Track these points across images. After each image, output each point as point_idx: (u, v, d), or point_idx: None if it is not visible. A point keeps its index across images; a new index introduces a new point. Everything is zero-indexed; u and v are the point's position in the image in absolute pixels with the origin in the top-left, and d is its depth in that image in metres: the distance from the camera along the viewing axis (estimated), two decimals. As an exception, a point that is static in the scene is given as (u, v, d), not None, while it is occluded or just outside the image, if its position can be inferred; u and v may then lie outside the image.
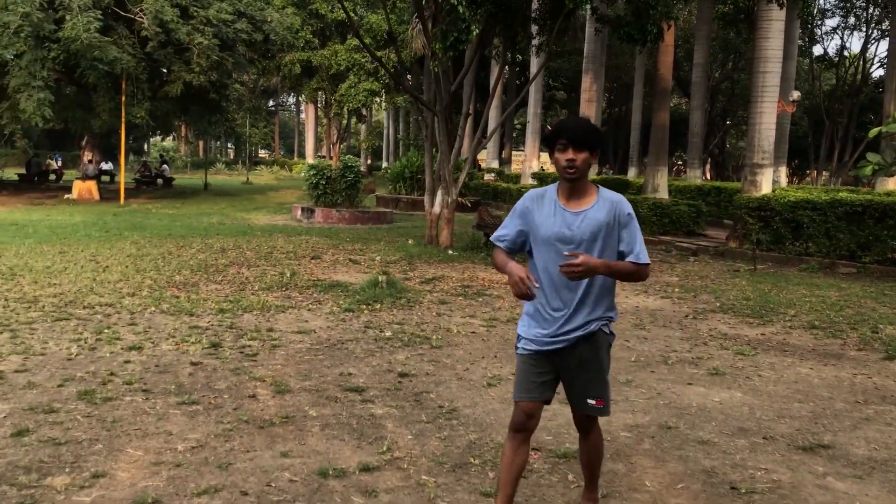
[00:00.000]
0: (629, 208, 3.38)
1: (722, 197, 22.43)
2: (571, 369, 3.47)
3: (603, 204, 3.35)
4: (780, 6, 14.93)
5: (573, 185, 3.36)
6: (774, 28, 15.58)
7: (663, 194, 20.58)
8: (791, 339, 8.11)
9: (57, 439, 4.56)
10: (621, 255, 3.38)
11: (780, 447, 4.87)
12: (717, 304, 9.96)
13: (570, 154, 3.27)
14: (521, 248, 3.51)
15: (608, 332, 3.50)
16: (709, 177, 43.55)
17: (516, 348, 3.57)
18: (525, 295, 3.18)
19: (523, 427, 3.46)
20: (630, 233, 3.36)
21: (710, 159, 44.73)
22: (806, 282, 12.15)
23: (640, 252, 3.35)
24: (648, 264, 3.38)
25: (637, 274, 3.38)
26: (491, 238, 3.42)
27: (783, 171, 22.77)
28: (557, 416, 5.30)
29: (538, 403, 3.48)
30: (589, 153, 3.29)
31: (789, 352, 7.53)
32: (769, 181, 16.32)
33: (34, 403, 5.19)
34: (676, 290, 11.07)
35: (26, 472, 4.08)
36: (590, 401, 3.48)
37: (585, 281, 3.35)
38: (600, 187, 3.43)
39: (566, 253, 3.21)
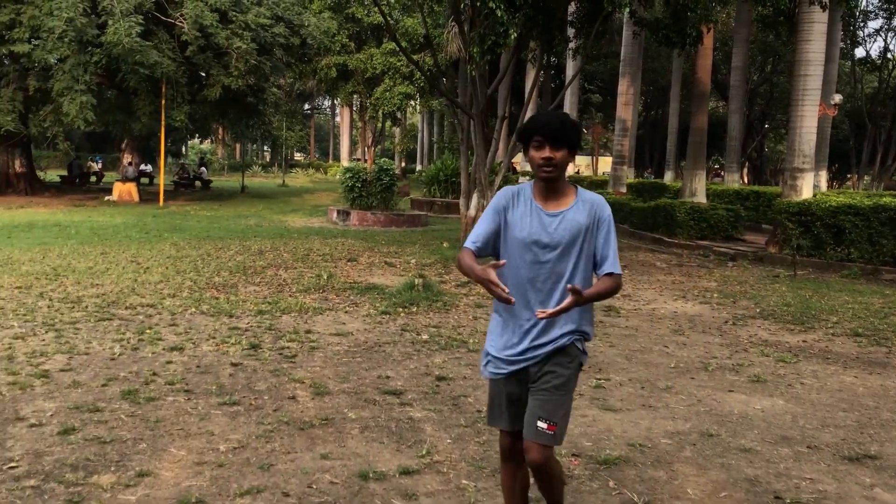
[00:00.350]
0: (609, 211, 3.16)
1: (761, 201, 22.16)
2: (533, 381, 3.15)
3: (582, 205, 3.12)
4: (823, 8, 14.71)
5: (550, 185, 3.11)
6: (816, 30, 15.35)
7: (701, 198, 20.37)
8: (834, 346, 7.98)
9: (102, 438, 4.63)
10: (597, 263, 3.14)
11: (825, 457, 4.78)
12: (757, 310, 9.83)
13: (546, 152, 3.02)
14: (491, 251, 3.20)
15: (581, 348, 3.20)
16: (746, 181, 43.05)
17: (483, 368, 3.27)
18: (505, 300, 2.86)
19: (511, 454, 3.24)
20: (606, 239, 3.13)
21: (747, 163, 44.22)
22: (848, 288, 11.94)
23: (614, 261, 3.11)
24: (621, 275, 3.15)
25: (614, 289, 3.12)
26: (464, 244, 3.14)
27: (823, 175, 22.43)
28: (597, 421, 5.27)
29: (520, 429, 3.19)
30: (567, 150, 3.04)
31: (832, 359, 7.40)
32: (810, 186, 16.08)
33: (79, 402, 5.28)
34: (715, 295, 10.95)
35: (73, 470, 4.15)
36: (540, 423, 3.07)
37: (559, 289, 3.08)
38: (578, 187, 3.19)
39: (568, 287, 2.88)
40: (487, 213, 3.18)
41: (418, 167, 56.94)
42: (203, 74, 26.47)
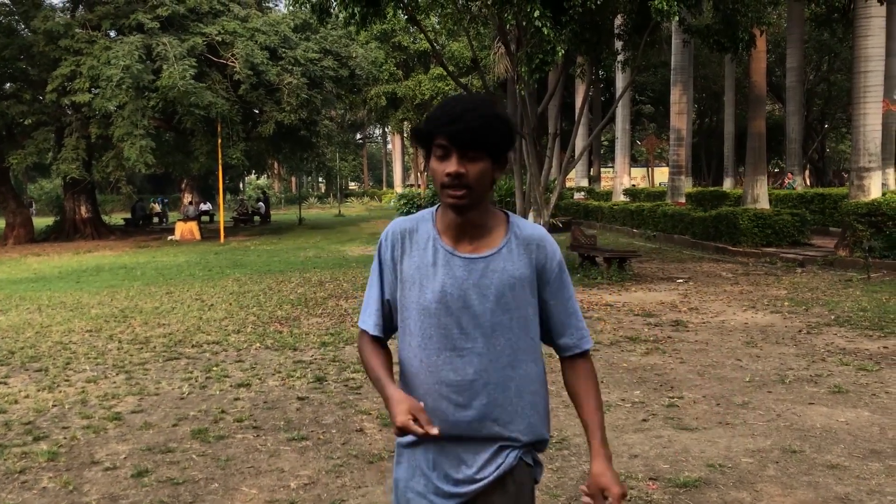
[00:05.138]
0: (560, 254, 2.08)
1: (826, 204, 21.52)
2: None
3: (517, 246, 2.01)
4: (881, 2, 14.29)
5: (464, 216, 1.98)
6: (874, 25, 14.92)
7: (764, 204, 19.87)
8: (917, 351, 7.63)
9: (175, 479, 4.65)
10: (557, 343, 2.11)
11: (920, 470, 4.53)
12: (832, 317, 9.47)
13: (453, 164, 1.88)
14: (396, 327, 2.14)
15: (532, 462, 2.10)
16: (808, 184, 42.03)
17: None
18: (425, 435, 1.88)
19: None
20: (566, 299, 2.07)
21: (808, 166, 43.21)
22: (927, 289, 11.46)
23: (585, 331, 2.10)
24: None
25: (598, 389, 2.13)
26: (359, 323, 2.17)
27: (892, 173, 21.69)
28: (672, 441, 5.10)
29: None
30: (491, 160, 1.92)
31: (917, 365, 7.07)
32: (878, 185, 15.55)
33: (151, 443, 5.32)
34: (786, 303, 10.60)
35: (148, 513, 4.17)
36: None
37: (485, 376, 1.99)
38: (511, 216, 2.07)
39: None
40: (374, 268, 2.14)
41: (472, 189, 56.90)
42: (256, 111, 27.04)
